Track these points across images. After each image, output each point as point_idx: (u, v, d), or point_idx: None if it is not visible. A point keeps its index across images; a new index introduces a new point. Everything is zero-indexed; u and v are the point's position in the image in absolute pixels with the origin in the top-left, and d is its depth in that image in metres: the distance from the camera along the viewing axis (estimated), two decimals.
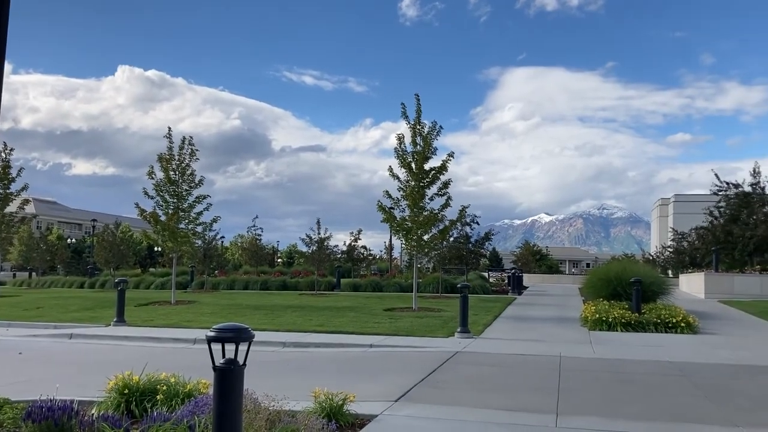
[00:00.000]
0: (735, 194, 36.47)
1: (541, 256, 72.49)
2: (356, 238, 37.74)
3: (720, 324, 18.11)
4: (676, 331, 15.92)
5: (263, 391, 6.41)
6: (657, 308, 17.53)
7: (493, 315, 19.45)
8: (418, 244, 21.18)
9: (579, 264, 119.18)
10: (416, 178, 20.56)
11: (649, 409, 7.98)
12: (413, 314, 19.24)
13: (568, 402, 8.22)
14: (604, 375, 10.48)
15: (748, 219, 34.99)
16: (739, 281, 28.50)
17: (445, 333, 15.28)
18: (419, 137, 20.70)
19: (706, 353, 12.92)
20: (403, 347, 13.45)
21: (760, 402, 8.54)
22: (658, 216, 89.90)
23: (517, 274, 33.17)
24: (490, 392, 8.96)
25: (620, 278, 19.57)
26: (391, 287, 30.38)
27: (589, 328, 16.46)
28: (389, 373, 10.48)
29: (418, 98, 20.98)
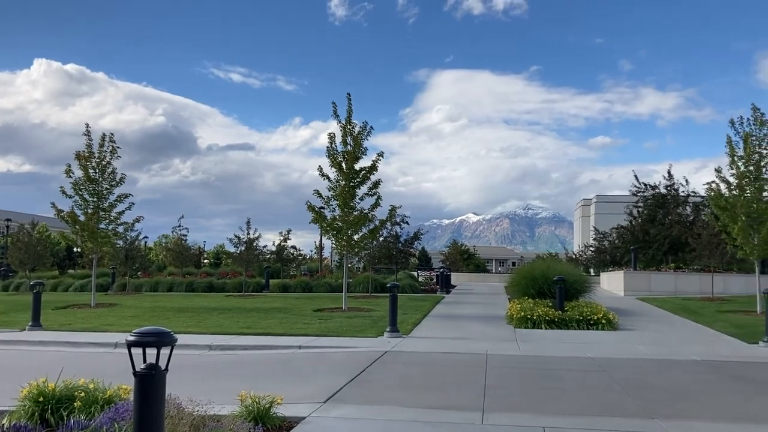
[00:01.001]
0: (651, 195, 38.20)
1: (469, 255, 73.66)
2: (286, 238, 37.30)
3: (638, 320, 18.86)
4: (598, 327, 16.46)
5: (188, 395, 6.24)
6: (579, 306, 18.09)
7: (422, 314, 19.62)
8: (348, 244, 21.14)
9: (505, 263, 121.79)
10: (347, 178, 20.51)
11: (572, 404, 8.22)
12: (343, 314, 19.18)
13: (495, 399, 8.36)
14: (529, 372, 10.73)
15: (663, 219, 36.69)
16: (655, 279, 29.78)
17: (375, 333, 15.30)
18: (350, 137, 20.65)
19: (625, 349, 13.43)
20: (333, 348, 13.38)
21: (674, 394, 8.93)
22: (580, 216, 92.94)
23: (446, 273, 33.59)
24: (418, 391, 9.02)
25: (544, 277, 20.11)
26: (321, 288, 30.20)
27: (514, 326, 16.82)
28: (318, 374, 10.41)
29: (350, 98, 20.96)
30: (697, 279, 28.92)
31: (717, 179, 20.71)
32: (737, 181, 20.21)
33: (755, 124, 20.03)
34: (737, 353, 13.07)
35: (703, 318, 18.94)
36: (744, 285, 27.20)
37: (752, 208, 19.82)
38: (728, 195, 20.37)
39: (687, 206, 37.48)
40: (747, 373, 10.75)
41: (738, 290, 27.49)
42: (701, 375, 10.56)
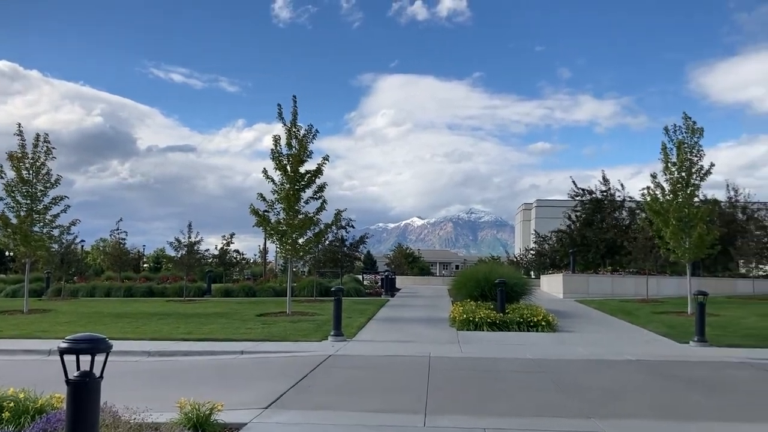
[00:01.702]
0: (589, 200, 39.28)
1: (414, 258, 74.16)
2: (229, 242, 36.90)
3: (576, 322, 19.34)
4: (538, 329, 16.81)
5: (124, 403, 6.09)
6: (520, 308, 18.43)
7: (367, 317, 19.64)
8: (293, 248, 20.98)
9: (449, 266, 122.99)
10: (291, 181, 20.35)
11: (513, 405, 8.36)
12: (287, 319, 19.03)
13: (437, 401, 8.44)
14: (471, 374, 10.87)
15: (600, 223, 37.75)
16: (593, 281, 30.61)
17: (319, 337, 15.24)
18: (295, 140, 20.51)
19: (564, 350, 13.75)
20: (276, 353, 13.26)
21: (611, 394, 9.20)
22: (521, 220, 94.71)
23: (390, 276, 33.73)
24: (362, 395, 9.03)
25: (486, 279, 20.43)
26: (265, 292, 29.90)
27: (457, 328, 17.02)
28: (260, 379, 10.29)
29: (295, 100, 20.80)
30: (632, 281, 29.86)
31: (652, 185, 21.46)
32: (671, 186, 20.98)
33: (687, 132, 20.84)
34: (669, 353, 13.55)
35: (638, 319, 19.56)
36: (676, 287, 28.23)
37: (684, 212, 20.60)
38: (662, 200, 21.12)
39: (623, 211, 38.69)
40: (678, 372, 11.15)
41: (671, 292, 28.51)
42: (636, 375, 10.90)
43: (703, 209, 21.09)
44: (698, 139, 20.73)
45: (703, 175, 20.74)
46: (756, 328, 17.20)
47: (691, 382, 10.28)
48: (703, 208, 21.12)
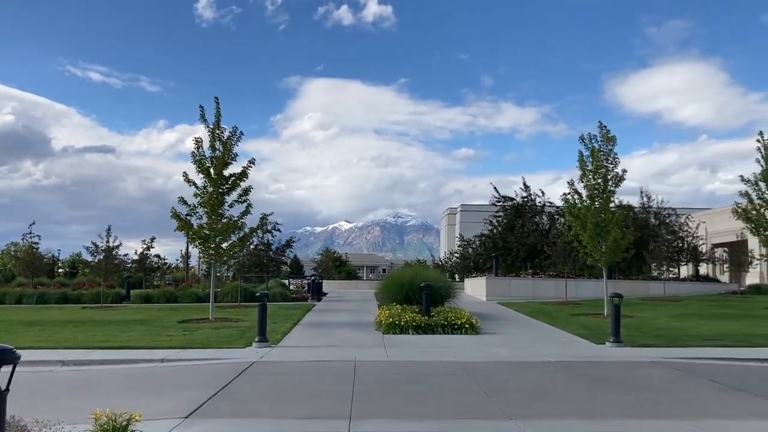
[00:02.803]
0: (510, 206, 40.30)
1: (341, 262, 74.07)
2: (149, 247, 35.75)
3: (499, 324, 19.77)
4: (461, 332, 17.09)
5: (35, 416, 5.81)
6: (445, 311, 18.68)
7: (292, 322, 19.47)
8: (216, 253, 20.56)
9: (376, 269, 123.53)
10: (215, 185, 19.96)
11: (437, 408, 8.46)
12: (210, 325, 18.63)
13: (362, 406, 8.44)
14: (396, 377, 10.93)
15: (521, 228, 38.77)
16: (515, 284, 31.38)
17: (243, 343, 14.98)
18: (219, 142, 20.14)
19: (487, 352, 14.03)
20: (198, 360, 12.95)
21: (531, 395, 9.44)
22: (446, 224, 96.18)
23: (317, 280, 33.55)
24: (286, 401, 8.93)
25: (412, 283, 20.61)
26: (187, 298, 29.18)
27: (383, 332, 17.09)
28: (182, 388, 10.03)
29: (218, 101, 20.42)
30: (552, 284, 30.79)
31: (570, 191, 22.22)
32: (588, 192, 21.78)
33: (602, 140, 21.70)
34: (587, 353, 14.04)
35: (557, 321, 20.18)
36: (594, 289, 29.32)
37: (600, 217, 21.43)
38: (580, 205, 21.90)
39: (543, 216, 39.88)
40: (595, 372, 11.57)
41: (589, 294, 29.58)
42: (555, 375, 11.23)
43: (618, 214, 22.01)
44: (612, 147, 21.63)
45: (618, 181, 21.65)
46: (667, 329, 18.05)
47: (607, 381, 10.68)
48: (618, 213, 22.04)
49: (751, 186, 26.05)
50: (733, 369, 11.95)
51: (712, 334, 16.79)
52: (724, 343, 15.07)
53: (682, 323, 19.42)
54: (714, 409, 8.51)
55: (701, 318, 21.00)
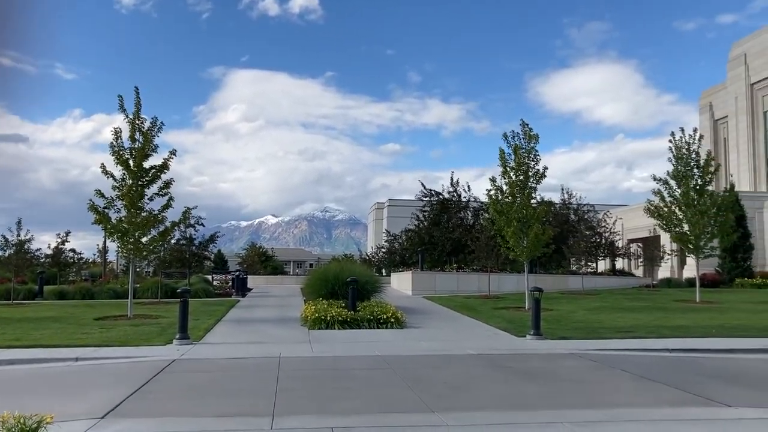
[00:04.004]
0: (437, 201, 40.82)
1: (267, 257, 73.12)
2: (64, 241, 34.23)
3: (424, 318, 19.98)
4: (387, 326, 17.17)
5: None
6: (371, 306, 18.74)
7: (215, 319, 19.08)
8: (135, 247, 19.89)
9: (303, 264, 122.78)
10: (134, 177, 19.30)
11: (361, 403, 8.46)
12: (128, 322, 18.03)
13: (285, 403, 8.35)
14: (321, 373, 10.88)
15: (447, 223, 39.35)
16: (440, 279, 31.81)
17: (163, 340, 14.56)
18: (138, 133, 19.48)
19: (412, 346, 14.15)
20: (116, 358, 12.49)
21: (454, 387, 9.58)
22: (374, 219, 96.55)
23: (242, 276, 33.03)
24: (208, 399, 8.73)
25: (338, 278, 20.57)
26: (104, 294, 28.18)
27: (308, 328, 16.98)
28: (97, 387, 9.65)
29: (138, 91, 19.76)
30: (476, 278, 31.38)
31: (493, 187, 22.69)
32: (510, 189, 22.29)
33: (524, 138, 22.24)
34: (508, 346, 14.37)
35: (481, 314, 20.58)
36: (516, 283, 30.08)
37: (522, 213, 21.98)
38: (503, 201, 22.40)
39: (468, 211, 40.60)
40: (515, 364, 11.85)
41: (511, 288, 30.33)
42: (478, 368, 11.44)
43: (540, 210, 22.62)
44: (534, 144, 22.20)
45: (539, 178, 22.26)
46: (584, 321, 18.70)
47: (527, 373, 10.96)
48: (539, 209, 22.64)
49: (662, 184, 27.30)
50: (645, 359, 12.49)
51: (626, 326, 17.50)
52: (637, 334, 15.73)
53: (599, 316, 20.17)
54: (626, 398, 8.88)
55: (617, 311, 21.87)
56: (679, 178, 26.81)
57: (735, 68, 61.62)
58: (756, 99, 59.48)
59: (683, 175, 26.73)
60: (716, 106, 66.39)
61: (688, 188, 26.50)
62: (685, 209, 26.50)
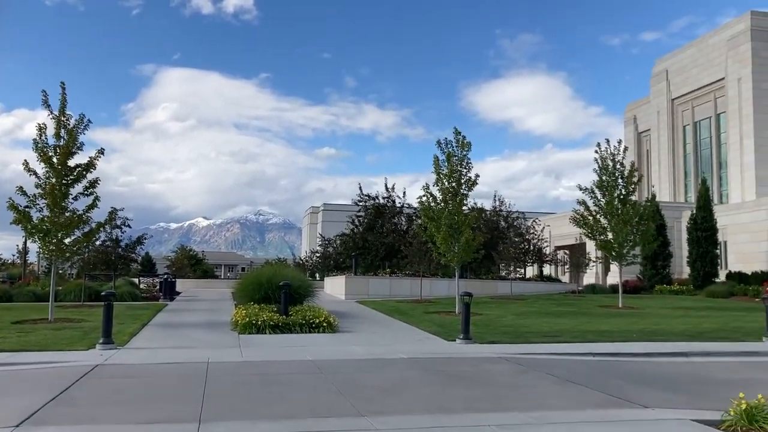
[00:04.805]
0: (372, 206, 41.01)
1: (197, 260, 71.67)
2: None
3: (356, 322, 20.01)
4: (319, 330, 17.12)
5: None
6: (303, 310, 18.64)
7: (141, 323, 18.56)
8: (57, 248, 19.15)
9: (235, 268, 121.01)
10: (58, 175, 18.61)
11: (291, 408, 8.40)
12: (49, 326, 17.32)
13: (213, 409, 8.20)
14: (251, 378, 10.74)
15: (381, 228, 39.56)
16: (373, 283, 31.94)
17: (86, 345, 14.06)
18: (64, 130, 18.81)
19: (343, 350, 14.14)
20: (35, 364, 11.98)
21: (384, 392, 9.63)
22: (308, 223, 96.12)
23: (170, 279, 32.26)
24: (131, 406, 8.49)
25: (270, 282, 20.37)
26: (23, 296, 27.00)
27: (239, 332, 16.73)
28: (13, 394, 9.24)
29: (64, 87, 19.12)
30: (408, 283, 31.67)
31: (426, 193, 22.98)
32: (442, 195, 22.61)
33: (457, 145, 22.62)
34: (439, 350, 14.55)
35: (412, 319, 20.76)
36: (447, 288, 30.52)
37: (454, 219, 22.32)
38: (435, 207, 22.70)
39: (402, 217, 40.94)
40: (444, 368, 12.01)
41: (442, 293, 30.76)
42: (408, 372, 11.53)
43: (471, 216, 23.03)
44: (467, 152, 22.62)
45: (471, 185, 22.67)
46: (512, 326, 19.13)
47: (456, 377, 11.13)
48: (470, 216, 23.05)
49: (588, 194, 28.26)
50: (570, 363, 12.87)
51: (552, 330, 18.00)
52: (563, 339, 16.21)
53: (526, 320, 20.67)
54: (552, 401, 9.13)
55: (543, 316, 22.47)
56: (604, 187, 27.81)
57: (657, 84, 64.42)
58: (676, 114, 62.34)
59: (608, 185, 27.73)
60: (640, 120, 69.24)
61: (613, 198, 27.52)
62: (610, 218, 27.50)
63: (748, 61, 52.65)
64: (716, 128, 57.97)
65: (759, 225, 39.98)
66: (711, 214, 38.68)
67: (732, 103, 54.18)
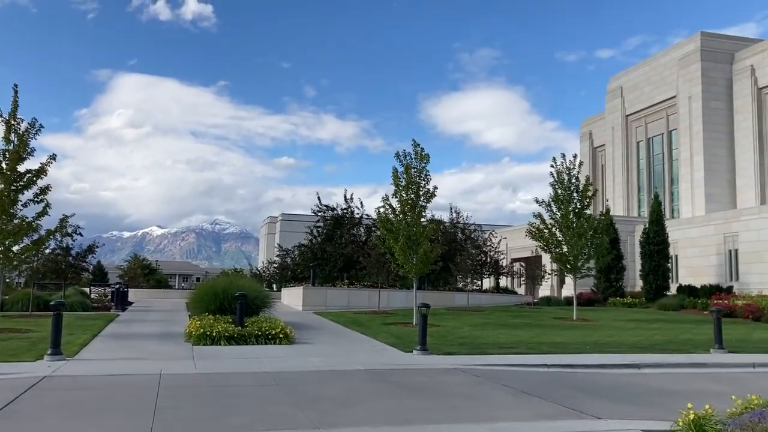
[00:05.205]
0: (330, 216, 40.88)
1: (151, 270, 70.41)
2: None
3: (313, 334, 19.86)
4: (276, 342, 16.92)
5: None
6: (259, 321, 18.41)
7: (92, 333, 18.08)
8: (5, 257, 18.55)
9: (190, 278, 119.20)
10: (7, 181, 18.07)
11: (245, 420, 8.26)
12: None
13: (164, 422, 8.01)
14: (204, 390, 10.54)
15: (340, 239, 39.46)
16: (331, 294, 31.78)
17: (33, 356, 13.62)
18: (14, 134, 18.30)
19: (300, 362, 14.01)
20: None
21: (340, 403, 9.55)
22: (266, 233, 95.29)
23: (122, 289, 31.55)
24: (78, 420, 8.24)
25: (226, 292, 20.11)
26: None
27: (193, 343, 16.43)
28: None
29: (16, 89, 18.65)
30: (366, 294, 31.60)
31: (384, 205, 23.01)
32: (401, 207, 22.68)
33: (416, 157, 22.73)
34: (395, 361, 14.53)
35: (370, 330, 20.70)
36: (405, 299, 30.52)
37: (412, 231, 22.39)
38: (393, 219, 22.74)
39: (361, 227, 40.90)
40: (402, 379, 12.00)
41: (400, 304, 30.75)
42: (365, 383, 11.48)
43: (429, 228, 23.13)
44: (425, 164, 22.74)
45: (429, 197, 22.79)
46: (469, 337, 19.24)
47: (413, 388, 11.12)
48: (428, 228, 23.15)
49: (544, 207, 28.69)
50: (525, 374, 12.99)
51: (508, 342, 18.16)
52: (519, 350, 16.37)
53: (483, 332, 20.81)
54: (507, 413, 9.19)
55: (499, 327, 22.66)
56: (560, 201, 28.26)
57: (612, 100, 66.01)
58: (630, 130, 63.93)
59: (563, 199, 28.20)
60: (595, 135, 70.81)
61: (568, 211, 27.98)
62: (565, 231, 27.95)
63: (697, 80, 54.37)
64: (668, 145, 59.62)
65: (708, 240, 41.17)
66: (663, 229, 39.63)
67: (683, 121, 55.83)
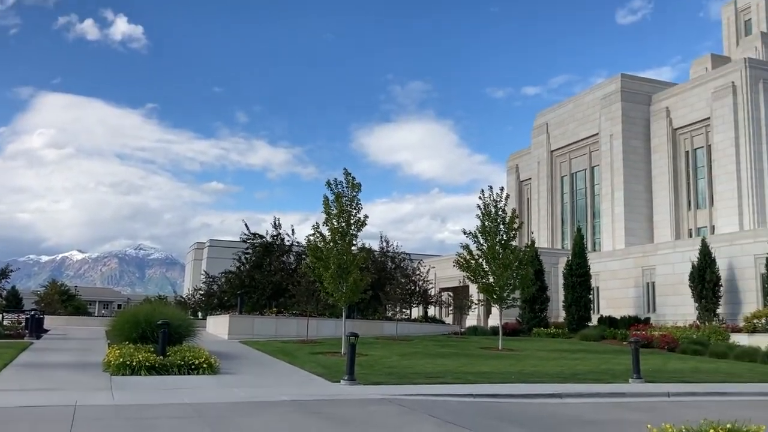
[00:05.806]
0: (260, 243, 40.35)
1: (69, 296, 67.42)
2: None
3: (239, 363, 19.44)
4: (199, 372, 16.46)
5: None
6: (182, 350, 17.89)
7: (3, 362, 17.14)
8: None
9: (110, 305, 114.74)
10: None
11: None
12: None
13: None
14: (121, 423, 10.13)
15: (269, 266, 38.95)
16: (258, 323, 31.24)
17: None
18: None
19: (223, 393, 13.67)
20: None
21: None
22: (192, 259, 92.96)
23: (38, 315, 30.07)
24: None
25: (148, 320, 19.48)
26: None
27: (111, 374, 15.80)
28: None
29: None
30: (295, 323, 31.24)
31: (315, 232, 22.94)
32: (331, 235, 22.66)
33: (347, 186, 22.84)
34: (322, 392, 14.38)
35: (297, 359, 20.43)
36: (334, 328, 30.31)
37: (342, 259, 22.37)
38: (324, 247, 22.68)
39: (291, 255, 40.50)
40: (328, 410, 11.87)
41: (329, 333, 30.51)
42: (290, 415, 11.30)
43: (359, 257, 23.18)
44: (357, 193, 22.89)
45: (360, 226, 22.89)
46: (397, 367, 19.25)
47: (339, 419, 11.02)
48: (359, 256, 23.19)
49: (472, 238, 29.21)
50: (451, 404, 13.09)
51: (435, 371, 18.27)
52: (445, 380, 16.48)
53: (411, 361, 20.87)
54: None
55: (427, 357, 22.77)
56: (487, 232, 28.84)
57: (538, 136, 68.24)
58: (555, 164, 66.15)
59: (490, 231, 28.78)
60: (522, 168, 72.87)
61: (494, 243, 28.56)
62: (491, 262, 28.49)
63: (618, 119, 56.97)
64: (591, 180, 61.94)
65: (627, 272, 42.76)
66: (585, 261, 40.92)
67: (605, 157, 58.22)
